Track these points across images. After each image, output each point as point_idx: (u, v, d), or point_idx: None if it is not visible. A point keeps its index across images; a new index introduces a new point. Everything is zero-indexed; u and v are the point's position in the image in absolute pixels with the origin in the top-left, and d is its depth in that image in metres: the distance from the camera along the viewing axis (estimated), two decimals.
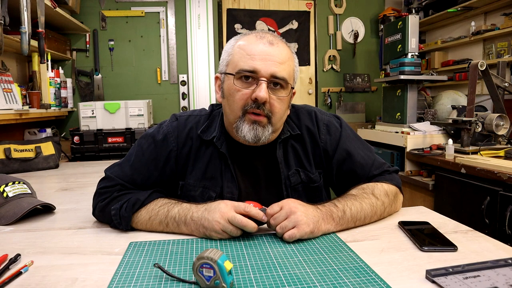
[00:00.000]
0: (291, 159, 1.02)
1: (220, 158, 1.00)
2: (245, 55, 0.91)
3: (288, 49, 0.96)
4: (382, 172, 1.04)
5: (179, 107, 3.17)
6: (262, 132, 0.92)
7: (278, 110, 0.93)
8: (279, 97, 0.92)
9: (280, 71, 0.90)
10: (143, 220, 0.91)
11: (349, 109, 3.45)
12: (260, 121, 0.91)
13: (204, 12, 3.13)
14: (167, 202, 0.92)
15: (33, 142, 2.07)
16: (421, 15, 3.12)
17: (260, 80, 0.89)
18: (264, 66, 0.89)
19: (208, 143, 1.01)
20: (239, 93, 0.91)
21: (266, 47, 0.90)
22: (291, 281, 0.65)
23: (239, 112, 0.92)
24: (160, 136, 1.01)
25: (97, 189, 0.99)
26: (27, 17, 1.78)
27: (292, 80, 0.96)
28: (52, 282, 0.67)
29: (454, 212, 1.99)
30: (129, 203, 0.91)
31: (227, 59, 0.96)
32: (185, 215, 0.87)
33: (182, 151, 1.01)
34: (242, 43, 0.93)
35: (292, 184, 1.02)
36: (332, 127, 1.05)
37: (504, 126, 2.08)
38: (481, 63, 2.06)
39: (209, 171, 1.00)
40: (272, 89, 0.91)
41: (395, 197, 1.00)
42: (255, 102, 0.90)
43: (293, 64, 0.96)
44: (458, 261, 0.71)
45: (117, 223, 0.91)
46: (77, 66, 3.01)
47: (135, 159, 1.01)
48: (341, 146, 1.03)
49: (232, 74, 0.92)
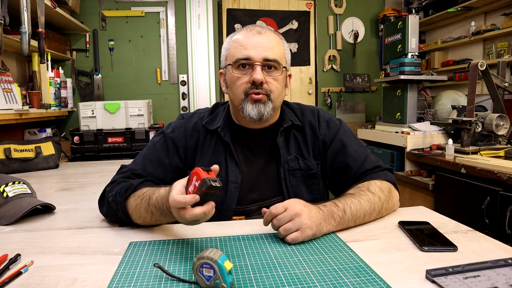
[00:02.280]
0: (291, 147, 1.12)
1: (224, 146, 1.10)
2: (239, 47, 1.03)
3: (276, 35, 1.08)
4: (374, 168, 1.08)
5: (179, 107, 3.17)
6: (264, 108, 1.03)
7: (275, 88, 1.04)
8: (274, 76, 1.04)
9: (271, 54, 1.02)
10: (132, 208, 0.92)
11: (349, 109, 3.45)
12: (260, 99, 1.02)
13: (204, 12, 3.13)
14: (149, 189, 0.91)
15: (33, 142, 2.07)
16: (421, 15, 3.12)
17: (255, 65, 1.01)
18: (256, 52, 1.01)
19: (213, 133, 1.12)
20: (239, 79, 1.03)
21: (255, 37, 1.03)
22: (291, 281, 0.65)
23: (242, 95, 1.03)
24: (169, 131, 1.13)
25: (110, 180, 1.04)
26: (27, 17, 1.78)
27: (284, 61, 1.07)
28: (52, 282, 0.67)
29: (454, 212, 1.99)
30: (122, 188, 0.95)
31: (225, 54, 1.08)
32: (163, 204, 0.83)
33: (190, 142, 1.11)
34: (235, 38, 1.06)
35: (290, 168, 1.10)
36: (332, 123, 1.16)
37: (504, 126, 2.08)
38: (481, 63, 2.06)
39: (214, 158, 1.10)
40: (266, 71, 1.03)
41: (390, 192, 1.02)
42: (253, 84, 1.01)
43: (283, 48, 1.08)
44: (458, 261, 0.71)
45: (116, 210, 0.94)
46: (77, 66, 3.01)
47: (147, 151, 1.11)
48: (337, 138, 1.13)
49: (231, 64, 1.04)
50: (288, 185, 1.09)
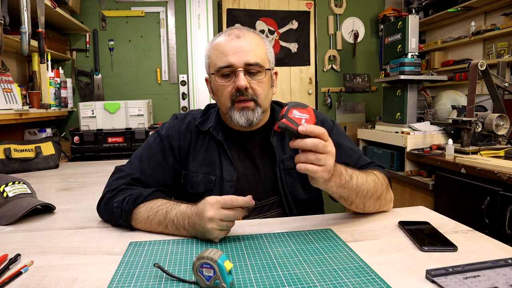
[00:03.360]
0: (286, 146, 1.11)
1: (218, 145, 1.10)
2: (219, 54, 1.02)
3: (256, 36, 1.06)
4: (369, 163, 1.09)
5: (179, 107, 3.17)
6: (252, 115, 1.02)
7: (261, 92, 1.03)
8: (258, 80, 1.02)
9: (252, 58, 1.00)
10: (141, 218, 0.91)
11: (349, 109, 3.45)
12: (247, 106, 1.02)
13: (204, 12, 3.13)
14: (166, 203, 0.92)
15: (33, 142, 2.07)
16: (421, 15, 3.12)
17: (237, 71, 1.00)
18: (236, 58, 1.00)
19: (205, 133, 1.12)
20: (223, 87, 1.03)
21: (234, 42, 1.01)
22: (291, 281, 0.65)
23: (228, 103, 1.03)
24: (164, 131, 1.13)
25: (108, 182, 1.03)
26: (27, 17, 1.78)
27: (267, 62, 1.06)
28: (52, 282, 0.67)
29: (454, 212, 1.98)
30: (131, 197, 0.93)
31: (207, 62, 1.08)
32: (183, 219, 0.87)
33: (184, 142, 1.11)
34: (215, 44, 1.05)
35: (285, 167, 1.09)
36: (326, 123, 1.16)
37: (504, 126, 2.08)
38: (481, 63, 2.06)
39: (208, 158, 1.10)
40: (250, 75, 1.01)
41: (387, 187, 1.03)
42: (238, 91, 1.00)
43: (264, 48, 1.06)
44: (458, 261, 0.71)
45: (118, 216, 0.92)
46: (77, 66, 3.01)
47: (143, 153, 1.10)
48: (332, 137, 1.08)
49: (213, 73, 1.04)
50: (284, 184, 1.09)
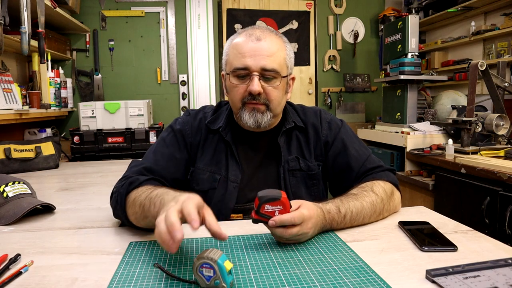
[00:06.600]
0: (293, 147, 1.12)
1: (226, 146, 1.11)
2: (237, 54, 1.00)
3: (278, 39, 1.04)
4: (376, 167, 1.07)
5: (179, 107, 3.17)
6: (261, 117, 1.02)
7: (275, 97, 1.02)
8: (273, 86, 1.01)
9: (269, 64, 0.98)
10: (131, 201, 0.88)
11: (349, 109, 3.45)
12: (258, 108, 1.01)
13: (204, 12, 3.13)
14: (155, 186, 0.89)
15: (33, 142, 2.07)
16: (421, 15, 3.12)
17: (252, 75, 0.98)
18: (254, 61, 0.98)
19: (215, 132, 1.12)
20: (236, 88, 1.02)
21: (254, 44, 0.99)
22: (291, 281, 0.65)
23: (239, 104, 1.02)
24: (178, 126, 1.13)
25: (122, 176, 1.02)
26: (27, 17, 1.78)
27: (285, 68, 1.03)
28: (52, 282, 0.67)
29: (454, 212, 1.99)
30: (127, 181, 0.93)
31: (225, 59, 1.06)
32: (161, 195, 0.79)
33: (195, 139, 1.12)
34: (235, 42, 1.03)
35: (290, 168, 1.10)
36: (333, 124, 1.15)
37: (504, 126, 2.08)
38: (481, 63, 2.06)
39: (215, 157, 1.10)
40: (265, 80, 1.00)
41: (392, 194, 1.02)
42: (250, 95, 1.00)
43: (283, 53, 1.03)
44: (458, 261, 0.71)
45: (115, 202, 0.92)
46: (77, 66, 3.01)
47: (157, 147, 1.11)
48: (338, 138, 1.12)
49: (229, 73, 1.03)
50: (287, 185, 1.09)
